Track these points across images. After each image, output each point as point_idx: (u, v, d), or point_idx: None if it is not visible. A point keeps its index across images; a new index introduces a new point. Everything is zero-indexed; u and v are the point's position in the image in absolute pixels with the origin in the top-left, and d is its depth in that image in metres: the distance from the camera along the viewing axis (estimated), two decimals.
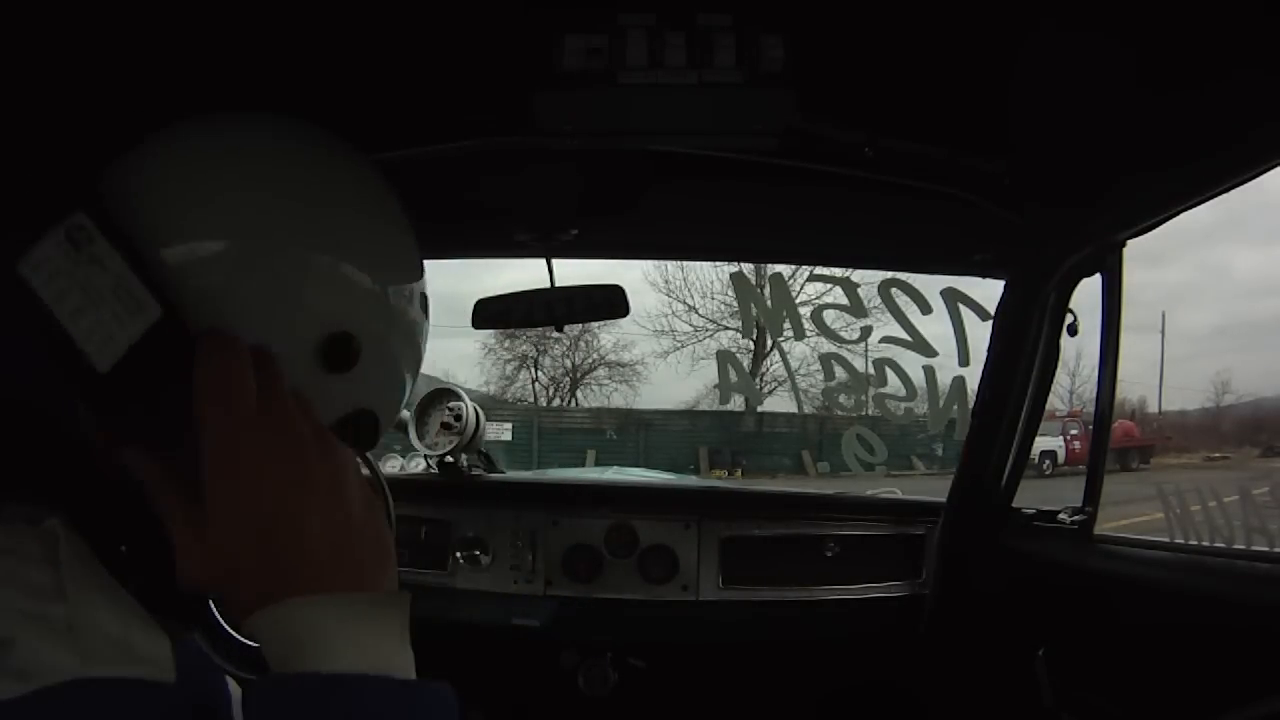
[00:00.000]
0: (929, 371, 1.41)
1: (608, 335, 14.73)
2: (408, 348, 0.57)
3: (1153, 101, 0.86)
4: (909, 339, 1.38)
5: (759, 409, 13.56)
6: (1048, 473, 9.37)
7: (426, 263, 0.62)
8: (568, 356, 15.18)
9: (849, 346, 1.51)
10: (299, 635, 0.40)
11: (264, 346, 0.45)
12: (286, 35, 0.79)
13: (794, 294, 1.49)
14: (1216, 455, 12.50)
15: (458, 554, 1.60)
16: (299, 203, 0.51)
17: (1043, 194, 1.11)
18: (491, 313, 1.56)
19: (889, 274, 1.41)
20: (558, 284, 1.49)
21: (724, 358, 1.56)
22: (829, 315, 1.43)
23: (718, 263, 10.25)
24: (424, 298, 0.59)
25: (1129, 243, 1.16)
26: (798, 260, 3.13)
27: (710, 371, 13.19)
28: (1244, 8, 0.71)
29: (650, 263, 13.07)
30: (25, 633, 0.38)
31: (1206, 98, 0.82)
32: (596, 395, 15.26)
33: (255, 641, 0.41)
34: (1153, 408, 14.53)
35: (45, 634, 0.38)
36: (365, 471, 0.56)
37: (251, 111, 0.55)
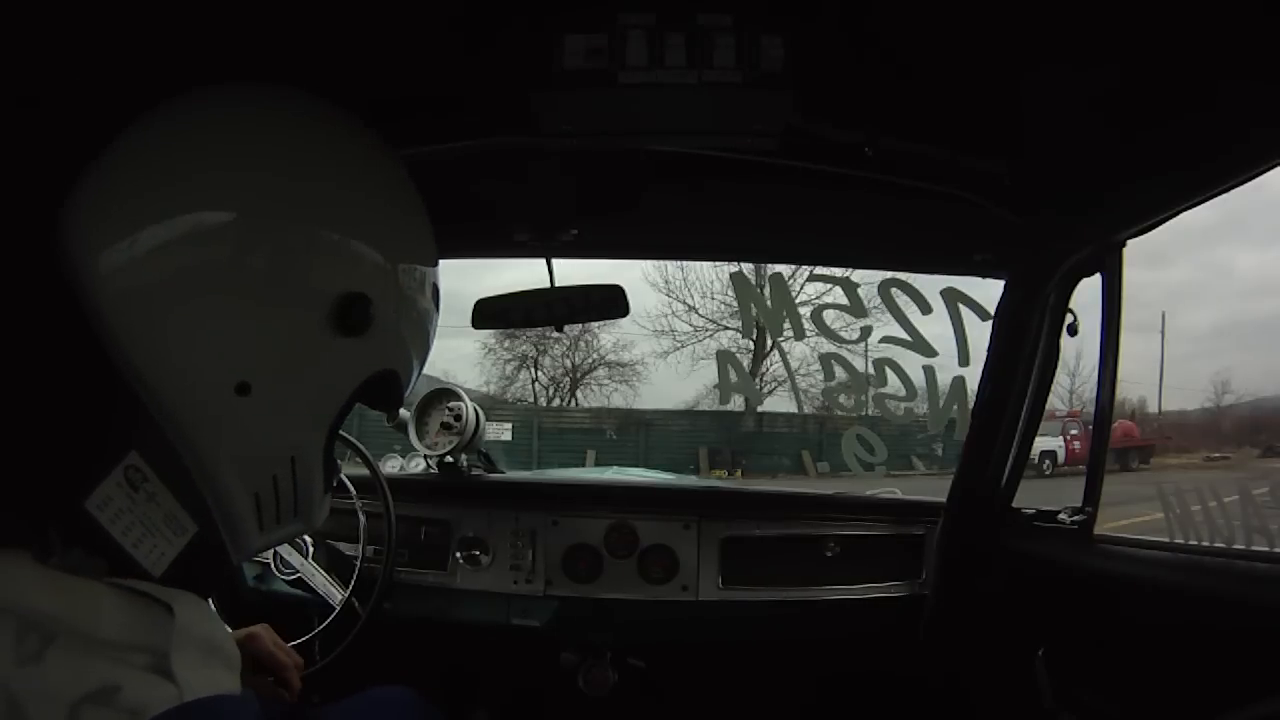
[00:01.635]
0: (929, 371, 1.41)
1: (608, 335, 14.71)
2: (420, 303, 0.62)
3: (1153, 102, 0.86)
4: (909, 339, 1.38)
5: (759, 409, 13.55)
6: (1048, 473, 9.36)
7: None
8: (568, 356, 15.17)
9: (849, 346, 1.51)
10: None
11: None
12: (286, 34, 0.79)
13: (794, 294, 1.49)
14: (1216, 455, 12.48)
15: (458, 554, 1.60)
16: (291, 175, 0.55)
17: (1043, 194, 1.10)
18: (491, 313, 1.56)
19: (889, 274, 1.41)
20: (558, 284, 1.49)
21: (724, 358, 1.56)
22: (829, 315, 1.43)
23: (718, 263, 10.27)
24: (433, 278, 0.63)
25: (1129, 243, 1.16)
26: (798, 260, 3.14)
27: (710, 371, 13.19)
28: (1243, 11, 0.71)
29: (650, 263, 13.08)
30: (127, 678, 0.45)
31: (1206, 98, 0.82)
32: (596, 395, 15.25)
33: None
34: (1153, 408, 14.52)
35: (144, 675, 0.45)
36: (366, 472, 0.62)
37: (241, 83, 0.58)
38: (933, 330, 1.37)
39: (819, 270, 2.05)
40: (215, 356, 0.52)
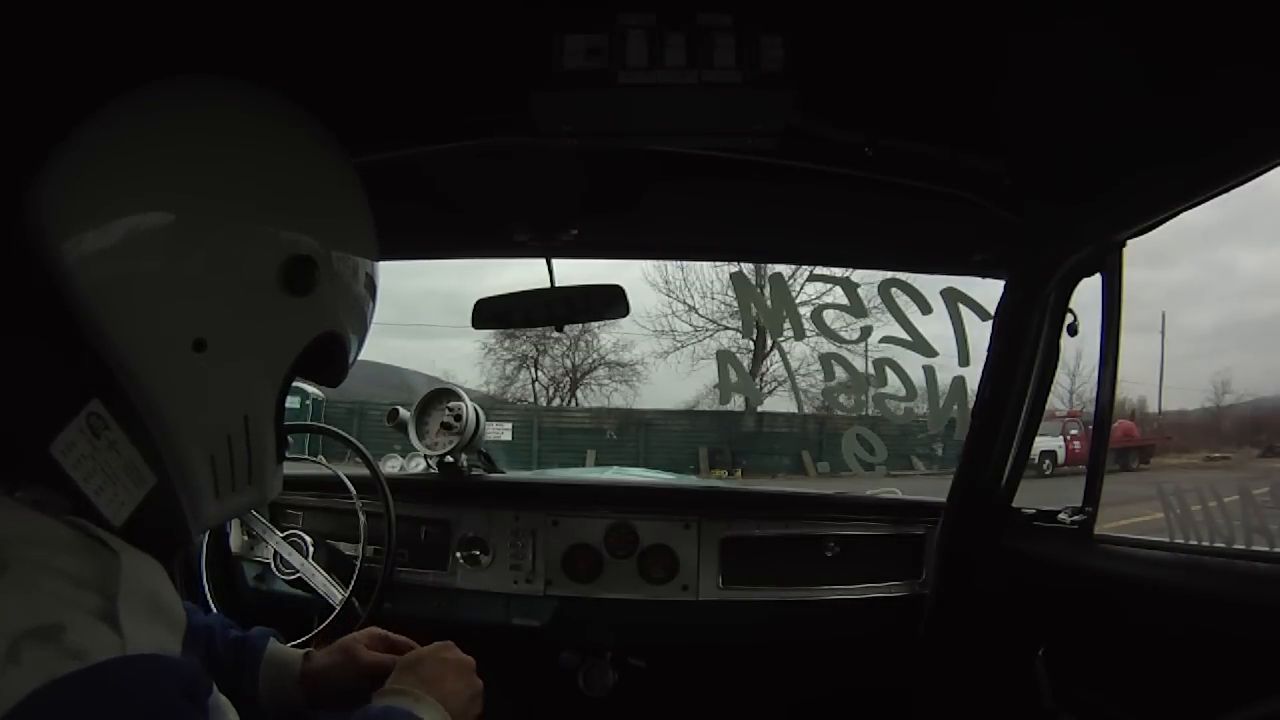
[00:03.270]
0: (929, 371, 1.41)
1: (608, 335, 14.72)
2: (360, 270, 0.66)
3: (1152, 101, 0.86)
4: (909, 339, 1.38)
5: (759, 409, 13.56)
6: (1048, 473, 9.36)
7: (428, 263, 0.65)
8: (568, 356, 15.17)
9: (849, 346, 1.51)
10: None
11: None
12: (284, 34, 0.79)
13: (794, 294, 1.49)
14: (1216, 455, 12.47)
15: (458, 554, 1.60)
16: (244, 160, 0.59)
17: (1042, 194, 1.10)
18: (491, 313, 1.56)
19: (889, 274, 1.41)
20: (558, 284, 1.49)
21: (724, 358, 1.56)
22: (829, 315, 1.43)
23: (718, 263, 10.27)
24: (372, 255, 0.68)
25: (1129, 243, 1.16)
26: (798, 260, 3.14)
27: (710, 371, 13.20)
28: (1243, 7, 0.71)
29: (650, 263, 13.08)
30: (73, 619, 0.45)
31: (1206, 97, 0.82)
32: (596, 395, 15.26)
33: None
34: (1153, 408, 14.52)
35: (90, 620, 0.46)
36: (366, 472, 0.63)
37: (203, 76, 0.62)
38: (933, 330, 1.37)
39: (819, 270, 2.05)
40: (174, 316, 0.56)
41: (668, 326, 14.47)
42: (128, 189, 0.56)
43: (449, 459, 1.69)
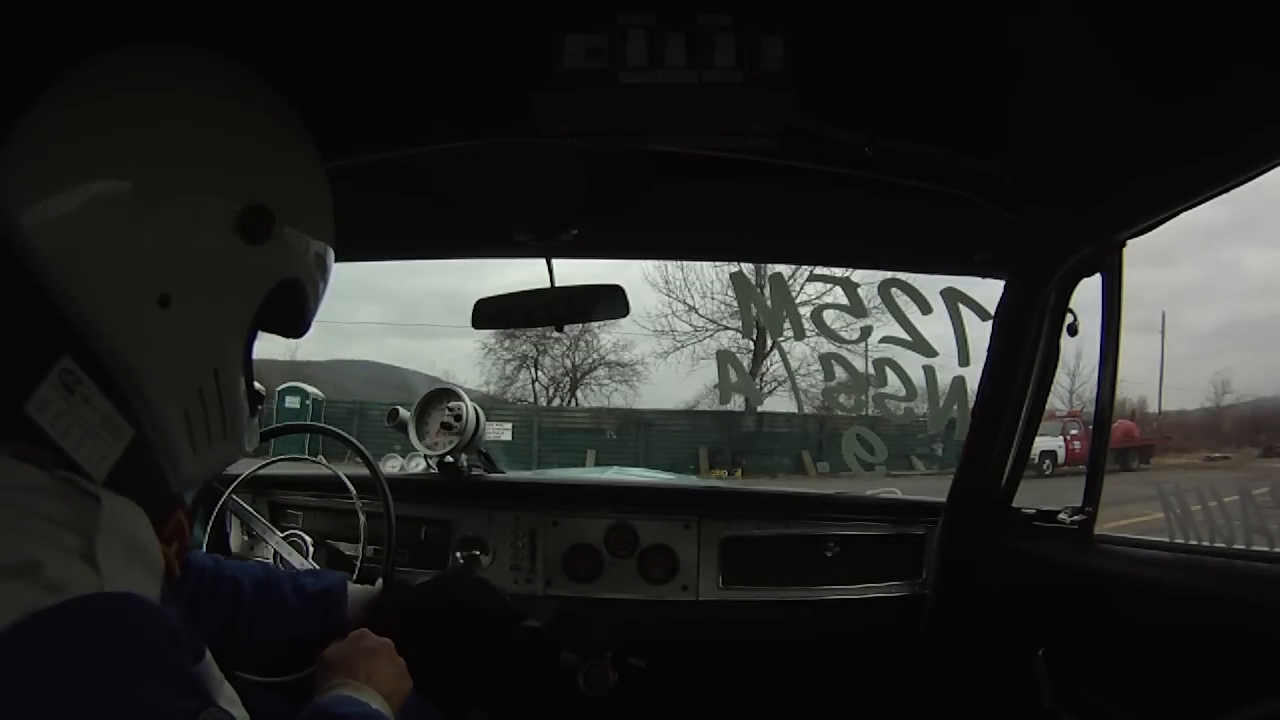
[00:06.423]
0: (929, 371, 1.41)
1: (608, 335, 14.76)
2: (321, 215, 0.67)
3: (1152, 101, 0.86)
4: (909, 339, 1.38)
5: (759, 409, 13.59)
6: (1048, 473, 9.37)
7: (429, 263, 0.65)
8: (568, 356, 15.20)
9: (849, 346, 1.50)
10: None
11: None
12: (284, 34, 0.79)
13: (794, 294, 1.48)
14: (1216, 455, 12.49)
15: (458, 554, 1.60)
16: (192, 135, 0.59)
17: (1043, 194, 1.10)
18: (492, 313, 1.56)
19: (889, 274, 1.41)
20: (558, 284, 1.49)
21: (724, 358, 1.56)
22: (829, 315, 1.43)
23: (718, 263, 10.28)
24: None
25: (1129, 242, 1.16)
26: (798, 260, 3.13)
27: (710, 371, 13.22)
28: (1243, 7, 0.71)
29: (650, 263, 13.10)
30: (50, 556, 0.46)
31: (1206, 97, 0.82)
32: (596, 395, 15.29)
33: None
34: (1153, 408, 14.54)
35: (68, 557, 0.47)
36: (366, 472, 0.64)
37: (143, 46, 0.62)
38: (933, 330, 1.37)
39: (819, 270, 2.05)
40: (137, 276, 0.57)
41: (668, 326, 14.52)
42: (85, 160, 0.57)
43: (449, 459, 1.69)
